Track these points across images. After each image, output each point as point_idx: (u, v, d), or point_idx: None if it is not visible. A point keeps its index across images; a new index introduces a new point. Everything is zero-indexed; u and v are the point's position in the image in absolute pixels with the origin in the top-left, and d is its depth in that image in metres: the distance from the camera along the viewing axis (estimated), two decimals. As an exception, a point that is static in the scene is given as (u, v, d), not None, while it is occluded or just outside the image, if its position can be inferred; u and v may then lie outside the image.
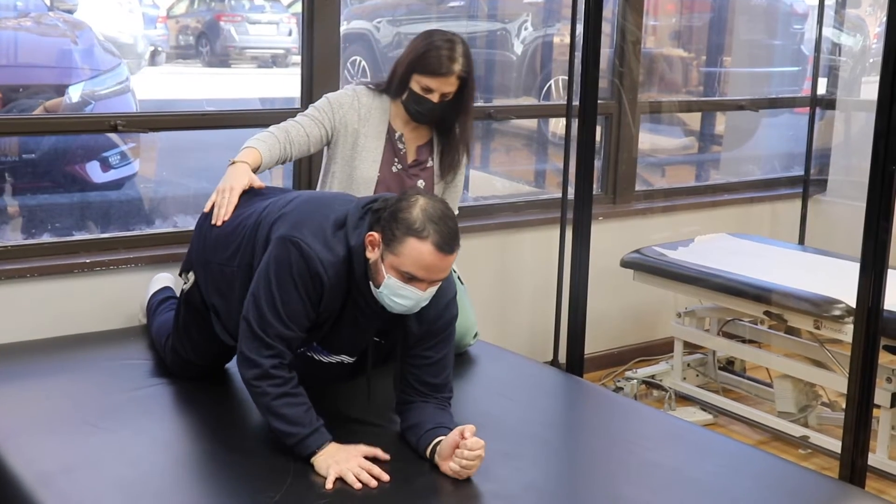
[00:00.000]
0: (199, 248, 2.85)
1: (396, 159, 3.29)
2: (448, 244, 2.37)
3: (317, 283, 2.42)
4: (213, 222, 2.83)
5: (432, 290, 2.44)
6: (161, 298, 3.30)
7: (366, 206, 2.51)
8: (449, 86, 3.16)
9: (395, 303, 2.42)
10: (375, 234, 2.42)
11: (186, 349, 2.90)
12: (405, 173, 3.30)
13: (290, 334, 2.45)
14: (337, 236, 2.46)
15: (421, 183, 3.32)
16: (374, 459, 2.41)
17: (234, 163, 2.98)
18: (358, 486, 2.31)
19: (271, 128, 3.16)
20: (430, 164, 3.35)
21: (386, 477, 2.35)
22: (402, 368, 2.58)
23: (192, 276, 2.86)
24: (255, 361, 2.43)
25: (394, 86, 3.24)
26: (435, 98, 3.17)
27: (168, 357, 2.98)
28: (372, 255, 2.43)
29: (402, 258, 2.36)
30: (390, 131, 3.28)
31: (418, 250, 2.35)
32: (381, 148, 3.26)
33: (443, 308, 2.55)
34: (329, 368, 2.66)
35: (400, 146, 3.30)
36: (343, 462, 2.36)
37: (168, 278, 3.43)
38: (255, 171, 3.01)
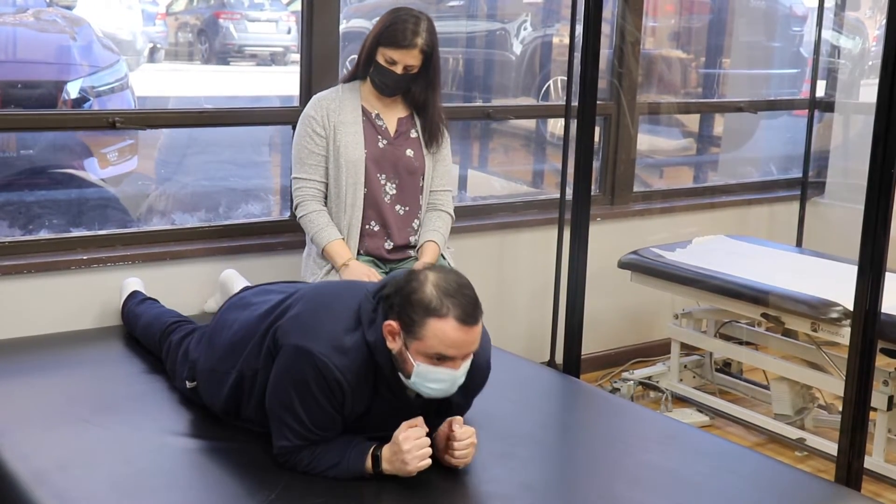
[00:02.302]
0: (206, 358, 2.69)
1: (380, 136, 3.38)
2: (471, 315, 2.25)
3: (336, 391, 2.30)
4: None
5: (467, 364, 2.31)
6: (136, 302, 3.30)
7: (375, 294, 2.38)
8: (412, 58, 3.27)
9: (431, 388, 2.30)
10: (393, 323, 2.28)
11: None
12: (392, 146, 3.39)
13: (317, 437, 2.37)
14: (353, 336, 2.33)
15: (410, 152, 3.40)
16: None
17: (345, 264, 3.27)
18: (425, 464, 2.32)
19: (309, 204, 3.34)
20: (413, 134, 3.43)
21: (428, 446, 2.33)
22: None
23: (195, 383, 2.74)
24: (295, 461, 2.38)
25: (361, 63, 3.36)
26: (398, 70, 3.28)
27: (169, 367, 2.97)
28: (394, 345, 2.29)
29: (426, 341, 2.24)
30: (365, 112, 3.38)
31: (441, 329, 2.22)
32: (360, 131, 3.34)
33: (484, 367, 2.47)
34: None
35: (379, 123, 3.39)
36: (401, 464, 2.31)
37: (137, 282, 3.42)
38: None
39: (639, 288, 4.25)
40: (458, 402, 2.47)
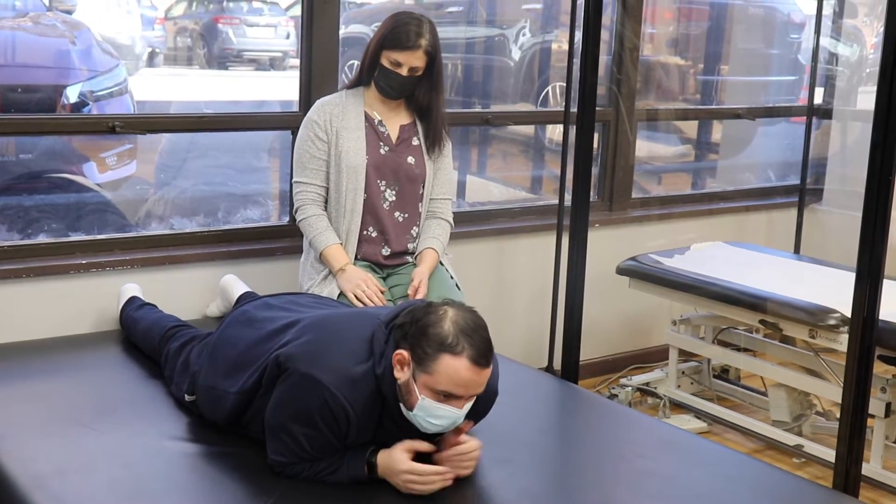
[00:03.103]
0: (207, 374, 2.66)
1: (382, 142, 3.38)
2: (484, 357, 2.23)
3: (343, 422, 2.28)
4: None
5: (469, 404, 2.30)
6: (134, 307, 3.29)
7: (389, 323, 2.36)
8: (416, 59, 3.28)
9: (431, 424, 2.28)
10: (404, 353, 2.25)
11: None
12: (394, 153, 3.39)
13: (318, 457, 2.35)
14: (363, 367, 2.30)
15: (411, 160, 3.40)
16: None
17: (342, 269, 3.27)
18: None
19: (309, 208, 3.35)
20: (415, 142, 3.43)
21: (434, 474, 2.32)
22: None
23: (195, 397, 2.72)
24: (291, 473, 2.37)
25: (365, 68, 3.37)
26: (404, 72, 3.29)
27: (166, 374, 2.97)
28: (401, 374, 2.27)
29: (436, 377, 2.22)
30: (368, 119, 3.38)
31: (454, 367, 2.20)
32: (363, 137, 3.35)
33: (491, 395, 2.45)
34: None
35: (382, 129, 3.39)
36: (393, 475, 2.32)
37: (135, 288, 3.41)
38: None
39: (637, 294, 4.26)
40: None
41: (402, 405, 2.30)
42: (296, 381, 2.32)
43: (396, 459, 2.32)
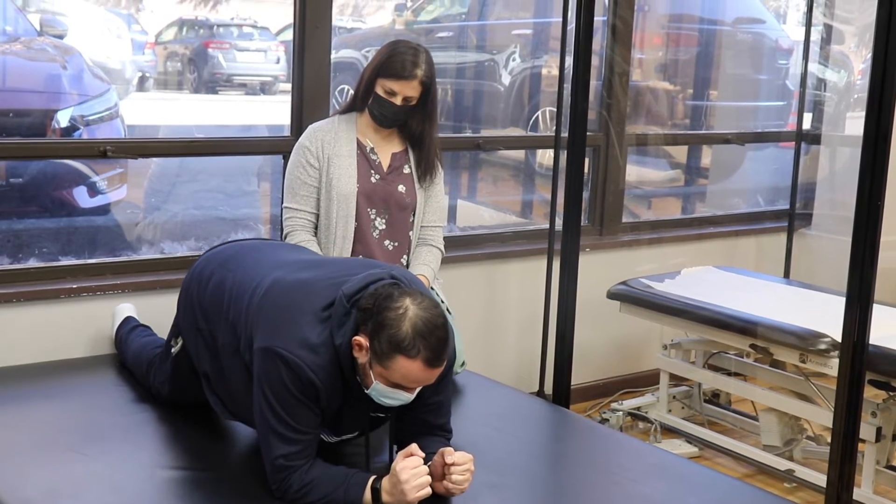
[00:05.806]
0: (188, 313, 2.75)
1: (373, 171, 3.38)
2: (439, 357, 2.30)
3: (311, 388, 2.34)
4: None
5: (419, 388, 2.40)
6: (128, 329, 3.30)
7: (351, 298, 2.39)
8: (411, 90, 3.28)
9: (384, 402, 2.39)
10: (362, 340, 2.32)
11: (181, 397, 2.91)
12: (384, 182, 3.38)
13: (307, 438, 2.39)
14: (322, 335, 2.37)
15: (402, 188, 3.39)
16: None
17: None
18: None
19: (299, 234, 3.34)
20: (406, 170, 3.43)
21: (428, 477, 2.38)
22: (401, 418, 2.53)
23: (180, 340, 2.79)
24: (287, 477, 2.37)
25: (360, 95, 3.36)
26: (398, 101, 3.28)
27: (155, 389, 2.96)
28: (359, 356, 2.35)
29: (390, 372, 2.30)
30: (360, 146, 3.37)
31: (407, 368, 2.28)
32: (355, 164, 3.34)
33: (450, 358, 2.48)
34: (337, 447, 2.60)
35: (374, 157, 3.39)
36: (401, 495, 2.34)
37: (130, 308, 3.42)
38: None
39: (628, 318, 4.26)
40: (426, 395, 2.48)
41: (358, 378, 2.38)
42: (261, 358, 2.38)
43: (392, 470, 2.35)
